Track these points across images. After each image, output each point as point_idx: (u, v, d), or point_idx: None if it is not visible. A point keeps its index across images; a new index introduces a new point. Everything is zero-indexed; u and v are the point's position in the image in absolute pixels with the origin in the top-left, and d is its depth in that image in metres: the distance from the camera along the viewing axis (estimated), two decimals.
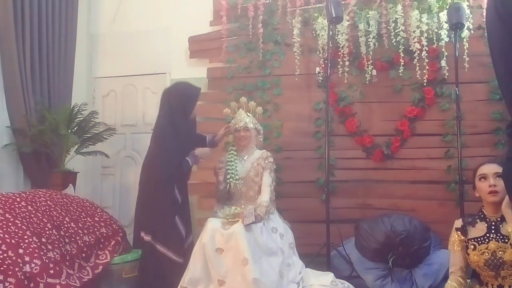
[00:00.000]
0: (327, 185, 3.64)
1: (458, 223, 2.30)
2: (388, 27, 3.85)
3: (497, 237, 2.14)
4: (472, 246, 2.20)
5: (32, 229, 2.62)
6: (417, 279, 3.28)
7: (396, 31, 3.82)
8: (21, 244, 2.49)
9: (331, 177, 3.81)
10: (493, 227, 2.18)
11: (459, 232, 2.27)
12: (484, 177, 2.22)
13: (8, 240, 2.44)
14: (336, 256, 3.50)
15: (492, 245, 2.14)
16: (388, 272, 3.33)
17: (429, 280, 3.25)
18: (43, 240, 2.64)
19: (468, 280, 2.30)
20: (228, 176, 3.28)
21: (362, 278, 3.34)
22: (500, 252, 2.10)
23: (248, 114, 3.34)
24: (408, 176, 3.87)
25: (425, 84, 3.78)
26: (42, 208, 2.85)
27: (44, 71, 4.05)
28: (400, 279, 3.31)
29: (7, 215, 2.59)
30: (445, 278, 3.12)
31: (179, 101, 3.31)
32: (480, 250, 2.16)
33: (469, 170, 3.39)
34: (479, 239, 2.19)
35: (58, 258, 2.65)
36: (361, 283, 3.31)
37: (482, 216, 2.25)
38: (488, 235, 2.18)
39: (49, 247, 2.64)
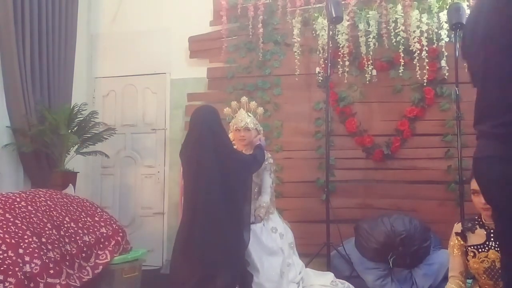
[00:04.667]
0: (327, 185, 3.65)
1: (458, 227, 2.28)
2: (388, 27, 3.85)
3: (496, 246, 2.10)
4: (471, 254, 2.18)
5: (32, 229, 2.61)
6: (417, 279, 3.28)
7: (396, 31, 3.82)
8: (21, 244, 2.49)
9: (331, 177, 3.82)
10: (492, 235, 2.14)
11: (459, 237, 2.24)
12: (476, 192, 2.15)
13: (8, 240, 2.44)
14: (336, 256, 3.50)
15: (492, 254, 2.11)
16: (388, 272, 3.33)
17: (429, 280, 3.25)
18: (43, 240, 2.63)
19: (470, 281, 2.30)
20: None
21: (362, 278, 3.34)
22: (500, 263, 2.08)
23: (249, 114, 3.33)
24: (408, 176, 3.88)
25: (425, 84, 3.78)
26: (42, 208, 2.84)
27: (44, 71, 4.05)
28: (400, 279, 3.31)
29: (7, 215, 2.58)
30: (445, 278, 3.11)
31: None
32: (480, 258, 2.14)
33: (469, 170, 3.39)
34: (478, 247, 2.16)
35: (58, 258, 2.65)
36: (361, 283, 3.31)
37: (481, 222, 2.21)
38: (487, 243, 2.14)
39: (49, 247, 2.64)
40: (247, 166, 2.93)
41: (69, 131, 3.89)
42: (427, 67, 3.75)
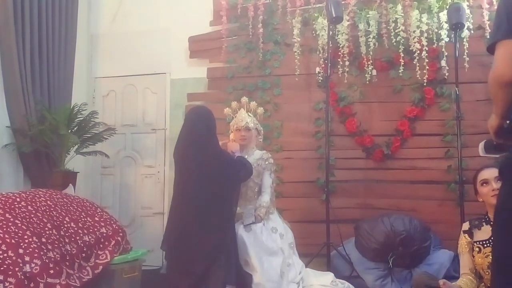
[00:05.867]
0: (327, 185, 3.65)
1: (466, 225, 2.34)
2: (388, 27, 3.85)
3: None
4: (477, 249, 2.22)
5: (32, 229, 2.61)
6: None
7: (396, 31, 3.82)
8: (21, 244, 2.49)
9: (331, 177, 3.81)
10: None
11: (466, 235, 2.30)
12: (485, 182, 2.25)
13: (8, 240, 2.44)
14: (336, 256, 3.51)
15: None
16: (388, 272, 3.33)
17: None
18: (43, 240, 2.64)
19: None
20: None
21: (362, 278, 3.35)
22: None
23: (249, 114, 3.34)
24: (408, 176, 3.87)
25: (425, 84, 3.78)
26: (42, 208, 2.84)
27: (44, 71, 4.04)
28: (400, 279, 3.31)
29: (7, 215, 2.58)
30: (445, 278, 3.13)
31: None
32: (485, 253, 2.18)
33: (469, 170, 3.40)
34: (484, 242, 2.21)
35: (58, 258, 2.65)
36: (361, 283, 3.31)
37: (487, 219, 2.26)
38: (492, 238, 2.18)
39: (49, 247, 2.64)
40: (235, 170, 2.98)
41: (69, 131, 3.89)
42: (427, 67, 3.75)
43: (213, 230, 2.76)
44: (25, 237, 2.54)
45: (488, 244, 2.18)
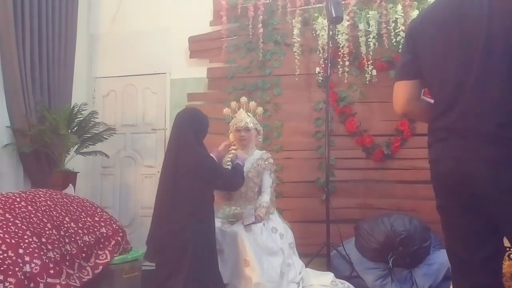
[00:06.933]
0: (327, 185, 3.64)
1: None
2: (388, 27, 3.85)
3: None
4: None
5: (32, 229, 2.62)
6: (417, 279, 3.28)
7: (396, 31, 3.82)
8: (21, 244, 2.50)
9: (331, 177, 3.81)
10: None
11: None
12: None
13: (8, 240, 2.44)
14: (336, 256, 3.51)
15: None
16: (388, 272, 3.33)
17: (429, 280, 3.25)
18: (43, 240, 2.64)
19: None
20: None
21: (362, 278, 3.34)
22: None
23: (249, 114, 3.34)
24: (408, 176, 3.87)
25: None
26: (42, 208, 2.85)
27: (44, 71, 4.05)
28: (400, 279, 3.31)
29: (7, 215, 2.59)
30: (445, 278, 3.13)
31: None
32: None
33: None
34: None
35: (58, 258, 2.65)
36: (361, 283, 3.31)
37: None
38: None
39: (49, 247, 2.64)
40: (212, 174, 2.85)
41: (69, 131, 3.89)
42: None
43: (181, 234, 2.69)
44: (25, 237, 2.54)
45: None
